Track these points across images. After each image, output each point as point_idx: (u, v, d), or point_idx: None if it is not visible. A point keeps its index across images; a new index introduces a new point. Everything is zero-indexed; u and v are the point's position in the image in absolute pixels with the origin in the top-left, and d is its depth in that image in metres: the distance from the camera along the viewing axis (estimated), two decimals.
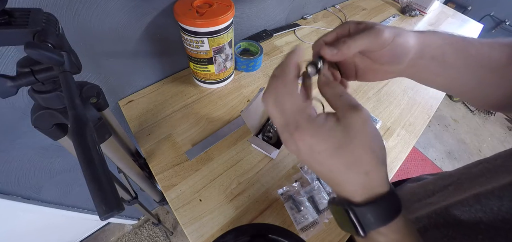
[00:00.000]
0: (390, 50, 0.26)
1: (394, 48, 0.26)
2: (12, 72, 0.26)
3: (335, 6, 1.10)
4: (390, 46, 0.26)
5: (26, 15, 0.23)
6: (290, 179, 0.53)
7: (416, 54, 0.27)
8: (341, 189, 0.22)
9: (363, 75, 0.30)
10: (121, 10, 0.51)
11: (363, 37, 0.25)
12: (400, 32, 0.26)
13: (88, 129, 0.21)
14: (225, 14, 0.53)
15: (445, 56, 0.27)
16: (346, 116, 0.21)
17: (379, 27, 0.25)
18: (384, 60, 0.27)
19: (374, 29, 0.25)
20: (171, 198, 0.48)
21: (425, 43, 0.27)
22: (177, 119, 0.61)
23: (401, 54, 0.27)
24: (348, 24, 0.27)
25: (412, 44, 0.27)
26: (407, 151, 0.60)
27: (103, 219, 0.18)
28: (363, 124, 0.21)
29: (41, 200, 0.75)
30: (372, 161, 0.21)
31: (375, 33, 0.25)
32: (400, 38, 0.26)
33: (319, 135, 0.21)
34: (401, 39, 0.26)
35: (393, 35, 0.25)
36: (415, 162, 1.77)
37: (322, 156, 0.21)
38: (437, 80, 0.29)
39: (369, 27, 0.26)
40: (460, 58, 0.27)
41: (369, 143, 0.21)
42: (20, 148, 0.57)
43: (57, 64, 0.23)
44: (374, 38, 0.25)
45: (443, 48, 0.27)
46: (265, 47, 0.83)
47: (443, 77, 0.29)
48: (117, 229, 1.31)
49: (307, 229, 0.46)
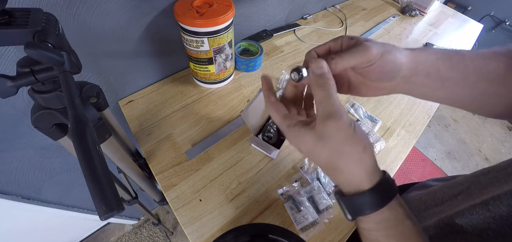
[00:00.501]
0: (379, 66, 0.26)
1: (383, 65, 0.26)
2: (12, 72, 0.26)
3: (335, 6, 1.10)
4: (379, 63, 0.26)
5: (26, 15, 0.23)
6: (290, 179, 0.53)
7: (410, 71, 0.27)
8: (334, 180, 0.27)
9: (356, 90, 0.31)
10: (121, 10, 0.51)
11: (350, 54, 0.26)
12: (389, 49, 0.26)
13: (88, 129, 0.21)
14: (225, 14, 0.53)
15: (440, 71, 0.27)
16: (322, 124, 0.24)
17: (368, 44, 0.26)
18: (374, 76, 0.27)
19: (362, 46, 0.26)
20: (171, 198, 0.48)
21: (418, 60, 0.27)
22: (177, 120, 0.61)
23: (391, 71, 0.27)
24: (341, 38, 0.28)
25: (403, 61, 0.27)
26: (407, 151, 0.60)
27: (103, 219, 0.18)
28: (335, 133, 0.23)
29: (41, 200, 0.75)
30: (345, 162, 0.24)
31: (363, 50, 0.25)
32: (389, 55, 0.26)
33: (299, 139, 0.26)
34: (391, 56, 0.26)
35: (381, 52, 0.26)
36: (415, 162, 1.77)
37: (306, 153, 0.26)
38: (435, 95, 0.29)
39: (359, 43, 0.26)
40: (456, 72, 0.27)
41: (341, 149, 0.23)
42: (20, 148, 0.57)
43: (57, 64, 0.23)
44: (361, 55, 0.25)
45: (437, 64, 0.27)
46: (265, 47, 0.83)
47: (441, 91, 0.28)
48: (117, 229, 1.31)
49: (307, 229, 0.46)
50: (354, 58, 0.26)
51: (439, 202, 0.35)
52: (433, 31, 1.04)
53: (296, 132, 0.26)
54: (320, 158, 0.25)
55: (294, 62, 0.80)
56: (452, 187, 0.35)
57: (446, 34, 1.03)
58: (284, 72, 0.73)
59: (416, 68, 0.27)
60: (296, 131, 0.26)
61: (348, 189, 0.25)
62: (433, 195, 0.37)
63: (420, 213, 0.37)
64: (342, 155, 0.24)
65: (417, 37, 0.99)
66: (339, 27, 0.98)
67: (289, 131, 0.26)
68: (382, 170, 0.26)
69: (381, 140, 0.60)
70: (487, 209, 0.26)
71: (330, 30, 0.96)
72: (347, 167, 0.24)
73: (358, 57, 0.26)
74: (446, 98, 0.29)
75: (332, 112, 0.23)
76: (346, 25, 0.99)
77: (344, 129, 0.23)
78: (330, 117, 0.23)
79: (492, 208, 0.26)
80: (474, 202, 0.28)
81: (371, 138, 0.61)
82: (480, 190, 0.30)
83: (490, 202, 0.26)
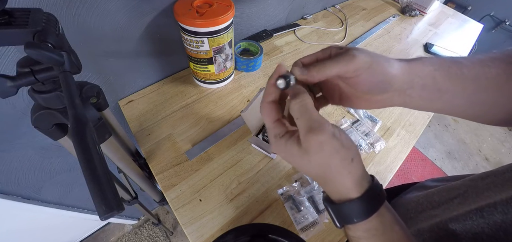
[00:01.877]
0: (367, 78, 0.25)
1: (372, 76, 0.25)
2: (12, 72, 0.26)
3: (335, 6, 1.10)
4: (367, 73, 0.25)
5: (26, 15, 0.23)
6: (290, 179, 0.53)
7: (405, 84, 0.26)
8: (322, 188, 0.27)
9: (347, 101, 0.30)
10: (121, 10, 0.51)
11: (333, 62, 0.25)
12: (378, 60, 0.25)
13: (88, 129, 0.21)
14: (225, 14, 0.53)
15: (438, 83, 0.26)
16: (303, 141, 0.23)
17: (354, 53, 0.24)
18: (365, 88, 0.26)
19: (347, 54, 0.24)
20: (171, 198, 0.48)
21: (413, 72, 0.26)
22: (177, 120, 0.61)
23: (381, 83, 0.26)
24: (330, 48, 0.27)
25: (396, 74, 0.26)
26: (407, 151, 0.60)
27: (103, 219, 0.18)
28: (318, 149, 0.23)
29: (41, 200, 0.75)
30: (333, 175, 0.24)
31: (348, 58, 0.24)
32: (378, 66, 0.25)
33: (285, 152, 0.25)
34: (379, 67, 0.25)
35: (369, 62, 0.24)
36: (415, 162, 1.77)
37: (295, 165, 0.26)
38: (432, 107, 0.28)
39: (345, 52, 0.25)
40: (454, 83, 0.26)
41: (326, 163, 0.23)
42: (20, 148, 0.57)
43: (57, 64, 0.23)
44: (345, 64, 0.24)
45: (434, 75, 0.26)
46: (265, 47, 0.83)
47: (439, 103, 0.27)
48: (117, 229, 1.31)
49: (307, 229, 0.46)
50: (338, 66, 0.24)
51: (436, 205, 0.35)
52: (433, 31, 1.04)
53: (282, 144, 0.25)
54: (308, 171, 0.25)
55: (294, 62, 0.80)
56: (449, 190, 0.35)
57: (446, 34, 1.03)
58: None
59: (412, 81, 0.26)
60: (282, 143, 0.25)
61: (337, 197, 0.25)
62: (430, 197, 0.37)
63: (417, 215, 0.37)
64: (329, 168, 0.23)
65: (417, 37, 0.99)
66: (339, 27, 0.98)
67: (276, 141, 0.26)
68: (370, 174, 0.25)
69: (381, 140, 0.60)
70: (482, 216, 0.26)
71: (330, 30, 0.96)
72: (335, 178, 0.24)
73: (342, 65, 0.24)
74: (444, 109, 0.28)
75: (312, 125, 0.22)
76: (346, 25, 0.99)
77: (328, 142, 0.22)
78: (311, 131, 0.22)
79: (486, 215, 0.25)
80: (470, 208, 0.28)
81: (371, 137, 0.61)
82: (476, 195, 0.30)
83: (485, 209, 0.26)
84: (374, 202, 0.24)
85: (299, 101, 0.24)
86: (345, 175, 0.23)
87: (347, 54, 0.24)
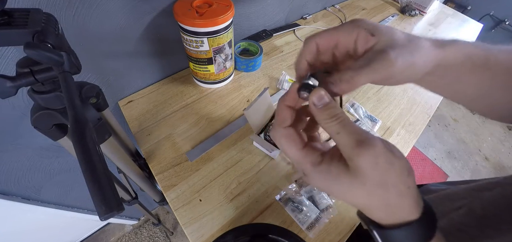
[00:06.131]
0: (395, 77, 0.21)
1: (400, 76, 0.21)
2: (11, 73, 0.26)
3: (335, 6, 1.10)
4: (399, 75, 0.21)
5: (26, 15, 0.23)
6: (290, 179, 0.52)
7: (434, 68, 0.23)
8: (366, 213, 0.21)
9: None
10: (121, 10, 0.51)
11: (369, 70, 0.20)
12: (414, 58, 0.20)
13: (87, 129, 0.21)
14: (224, 14, 0.53)
15: (459, 78, 0.23)
16: (352, 159, 0.18)
17: (391, 56, 0.19)
18: (387, 83, 0.22)
19: (384, 61, 0.19)
20: (171, 198, 0.48)
21: (439, 63, 0.23)
22: (177, 120, 0.61)
23: (409, 76, 0.22)
24: (357, 30, 0.22)
25: (422, 65, 0.22)
26: (407, 151, 0.60)
27: (103, 219, 0.18)
28: (373, 165, 0.18)
29: (41, 200, 0.75)
30: (391, 196, 0.19)
31: (385, 65, 0.19)
32: (414, 66, 0.21)
33: (327, 181, 0.20)
34: (413, 67, 0.21)
35: (407, 63, 0.20)
36: (415, 161, 1.77)
37: (339, 195, 0.20)
38: (443, 93, 0.26)
39: (380, 52, 0.20)
40: (476, 80, 0.23)
41: (384, 181, 0.18)
42: (20, 148, 0.57)
43: (56, 65, 0.23)
44: (383, 71, 0.20)
45: (459, 71, 0.23)
46: (265, 47, 0.83)
47: (450, 92, 0.26)
48: (117, 229, 1.31)
49: (313, 226, 0.46)
50: (373, 75, 0.20)
51: (440, 215, 0.34)
52: (433, 31, 1.04)
53: (324, 171, 0.20)
54: (357, 200, 0.20)
55: (294, 62, 0.80)
56: (452, 200, 0.33)
57: (446, 34, 1.03)
58: (284, 72, 0.73)
59: (433, 71, 0.23)
60: (324, 170, 0.20)
61: (390, 221, 0.20)
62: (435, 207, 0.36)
63: None
64: (386, 189, 0.18)
65: None
66: None
67: (314, 171, 0.20)
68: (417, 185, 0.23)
69: None
70: None
71: None
72: (394, 201, 0.19)
73: (378, 74, 0.19)
74: (454, 98, 0.27)
75: (360, 138, 0.18)
76: None
77: (382, 154, 0.18)
78: (361, 146, 0.18)
79: None
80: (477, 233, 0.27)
81: None
82: (482, 207, 0.28)
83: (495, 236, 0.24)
84: (433, 224, 0.20)
85: (333, 110, 0.19)
86: (404, 191, 0.19)
87: (384, 59, 0.19)
